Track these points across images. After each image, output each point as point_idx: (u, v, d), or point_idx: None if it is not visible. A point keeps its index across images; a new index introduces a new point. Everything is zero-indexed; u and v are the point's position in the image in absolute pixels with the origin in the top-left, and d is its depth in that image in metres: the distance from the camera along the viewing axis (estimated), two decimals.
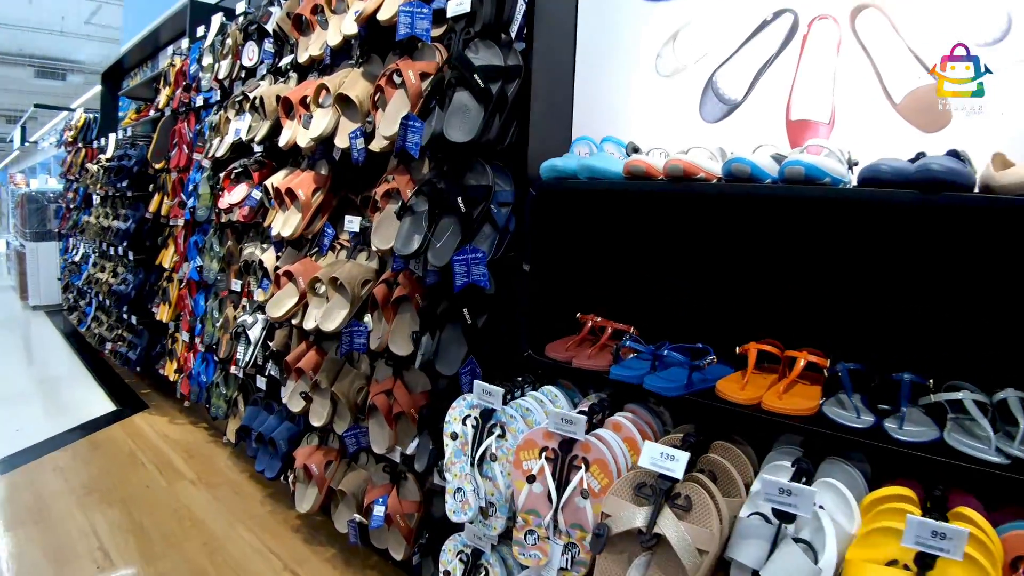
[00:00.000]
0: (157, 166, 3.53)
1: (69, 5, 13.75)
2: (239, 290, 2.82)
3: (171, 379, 3.65)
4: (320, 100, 2.09)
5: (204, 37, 3.07)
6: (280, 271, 2.23)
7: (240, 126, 2.43)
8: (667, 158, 1.32)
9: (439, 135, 1.61)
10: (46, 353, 5.32)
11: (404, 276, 1.88)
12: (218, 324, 2.94)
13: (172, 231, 3.56)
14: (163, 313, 3.61)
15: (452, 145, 1.59)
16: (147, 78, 4.56)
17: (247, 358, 2.56)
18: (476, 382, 1.49)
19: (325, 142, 2.08)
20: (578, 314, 1.76)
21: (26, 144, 14.45)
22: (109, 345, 4.02)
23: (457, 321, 1.74)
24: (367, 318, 1.97)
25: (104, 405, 3.92)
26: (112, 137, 4.17)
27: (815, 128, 1.42)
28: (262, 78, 2.58)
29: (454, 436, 1.52)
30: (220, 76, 2.78)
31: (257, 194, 2.47)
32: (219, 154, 2.70)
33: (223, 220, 2.82)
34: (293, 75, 2.41)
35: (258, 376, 2.68)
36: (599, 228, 1.76)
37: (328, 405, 2.13)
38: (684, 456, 1.12)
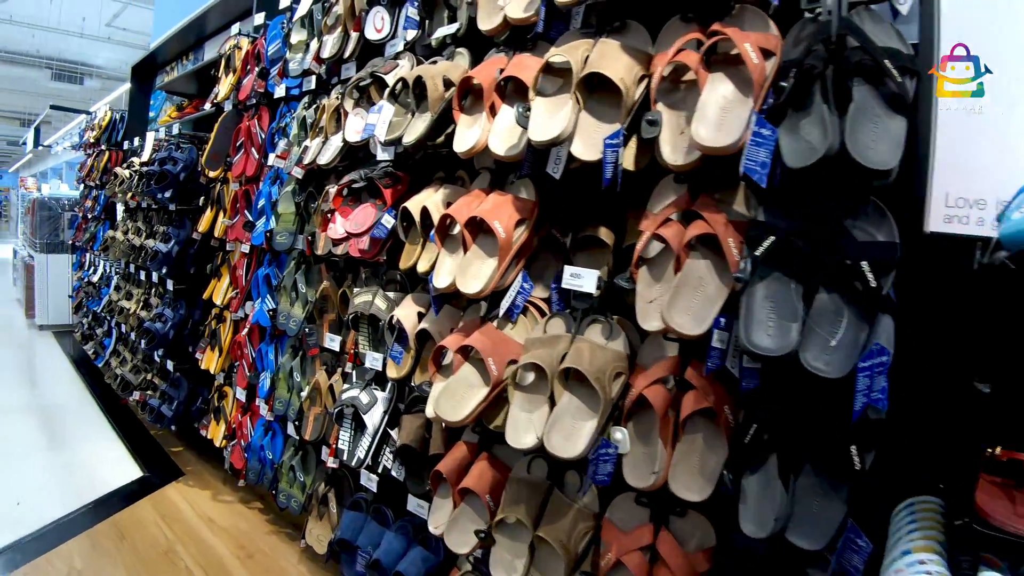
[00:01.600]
0: (212, 174, 2.79)
1: (91, 6, 13.21)
2: (337, 349, 2.05)
3: (216, 444, 2.86)
4: (538, 85, 1.34)
5: (291, 8, 2.35)
6: (450, 345, 1.46)
7: (374, 121, 1.68)
8: None
9: (837, 152, 0.87)
10: (54, 389, 4.52)
11: (697, 373, 1.12)
12: (301, 392, 2.17)
13: (228, 258, 2.80)
14: (209, 361, 2.84)
15: (837, 170, 0.85)
16: (188, 70, 3.85)
17: (363, 454, 1.79)
18: None
19: (534, 151, 1.33)
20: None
21: (39, 147, 13.83)
22: (136, 394, 3.24)
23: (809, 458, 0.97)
24: (617, 434, 1.19)
25: (127, 468, 3.12)
26: (150, 136, 3.44)
27: None
28: (396, 56, 1.84)
29: None
30: (324, 55, 2.04)
31: (389, 221, 1.71)
32: (323, 161, 1.95)
33: (320, 252, 2.06)
34: (461, 51, 1.67)
35: (365, 472, 1.90)
36: None
37: (526, 555, 1.34)
38: None
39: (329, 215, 1.90)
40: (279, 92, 2.43)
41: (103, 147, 5.41)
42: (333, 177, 2.15)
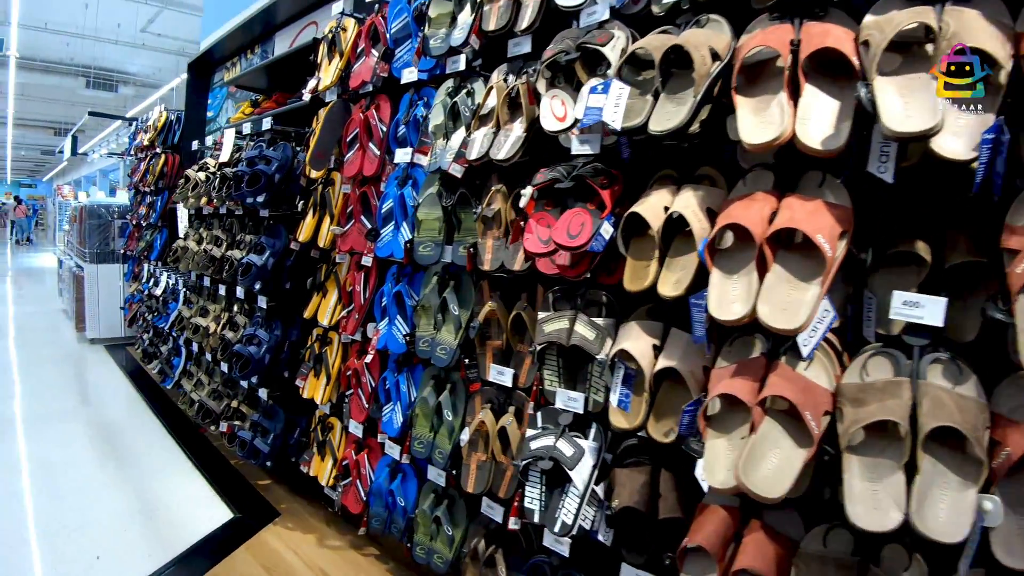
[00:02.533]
0: (315, 174, 2.43)
1: (126, 11, 13.11)
2: (509, 384, 1.67)
3: (322, 483, 2.50)
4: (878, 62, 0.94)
5: None
6: (744, 395, 1.07)
7: (598, 104, 1.28)
8: None
9: None
10: (116, 413, 4.20)
11: None
12: (461, 436, 1.79)
13: (335, 271, 2.44)
14: (314, 389, 2.48)
15: None
16: (259, 64, 3.53)
17: (570, 519, 1.41)
18: None
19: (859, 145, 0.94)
20: None
21: (76, 155, 13.80)
22: (224, 425, 2.89)
23: None
24: (987, 503, 0.82)
25: (214, 509, 2.78)
26: (229, 135, 3.10)
27: None
28: (601, 26, 1.45)
29: None
30: (490, 27, 1.66)
31: (608, 230, 1.33)
32: (501, 155, 1.58)
33: (487, 268, 1.69)
34: (716, 19, 1.27)
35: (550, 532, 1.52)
36: None
37: None
38: None
39: (518, 222, 1.51)
40: (407, 77, 2.07)
41: (158, 150, 5.14)
42: (496, 177, 1.78)
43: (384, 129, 2.17)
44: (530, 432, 1.62)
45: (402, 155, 2.06)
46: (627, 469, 1.45)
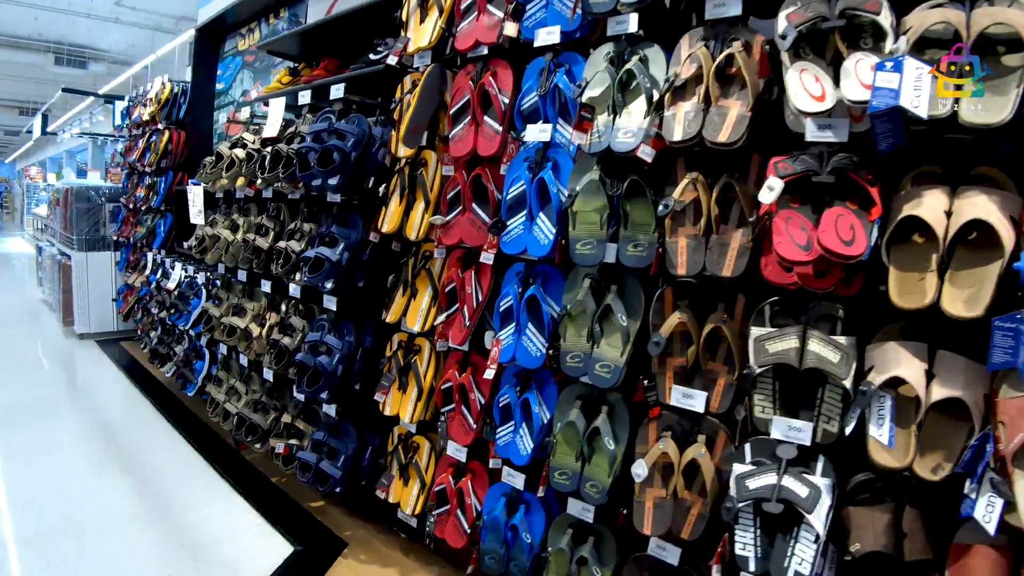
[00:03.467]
0: (405, 152, 2.07)
1: None
2: (701, 409, 1.37)
3: (407, 512, 2.16)
4: None
5: None
6: None
7: (889, 83, 0.97)
8: None
9: None
10: (128, 426, 3.66)
11: None
12: (636, 469, 1.46)
13: (426, 268, 2.09)
14: (400, 405, 2.13)
15: None
16: (296, 29, 3.10)
17: (806, 570, 1.12)
18: None
19: None
20: None
21: (46, 134, 12.96)
22: (280, 446, 2.49)
23: None
24: None
25: (267, 540, 2.40)
26: (276, 105, 2.67)
27: None
28: None
29: None
30: None
31: (874, 235, 1.02)
32: (723, 138, 1.27)
33: (681, 272, 1.36)
34: None
35: None
36: None
37: None
38: None
39: (766, 222, 1.19)
40: (543, 39, 1.72)
41: (161, 125, 4.66)
42: (684, 162, 1.45)
43: (506, 101, 1.82)
44: (740, 468, 1.33)
45: (536, 132, 1.72)
46: (865, 508, 1.23)
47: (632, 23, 1.56)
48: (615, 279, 1.64)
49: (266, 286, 2.73)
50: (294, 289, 2.49)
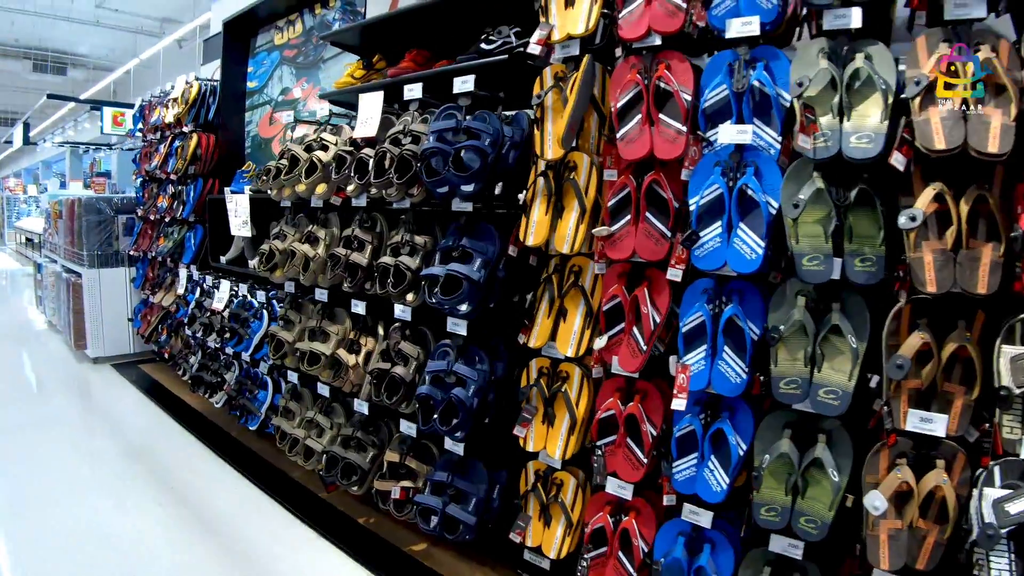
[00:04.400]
0: (552, 155, 1.86)
1: None
2: (942, 434, 1.25)
3: (545, 552, 1.93)
4: None
5: None
6: None
7: None
8: None
9: None
10: (172, 463, 3.24)
11: None
12: (873, 502, 1.27)
13: (578, 285, 1.87)
14: (547, 441, 1.90)
15: None
16: (361, 22, 2.86)
17: None
18: None
19: None
20: None
21: (28, 144, 12.42)
22: (396, 490, 2.21)
23: None
24: None
25: None
26: (371, 100, 2.41)
27: None
28: None
29: None
30: None
31: None
32: (994, 149, 1.13)
33: (932, 289, 1.20)
34: None
35: None
36: None
37: None
38: None
39: None
40: (737, 30, 1.53)
41: (187, 129, 4.36)
42: (919, 171, 1.28)
43: (688, 98, 1.62)
44: (994, 492, 1.19)
45: (734, 134, 1.53)
46: None
47: (855, 18, 1.39)
48: (834, 296, 1.46)
49: (358, 307, 2.48)
50: (401, 311, 2.24)
